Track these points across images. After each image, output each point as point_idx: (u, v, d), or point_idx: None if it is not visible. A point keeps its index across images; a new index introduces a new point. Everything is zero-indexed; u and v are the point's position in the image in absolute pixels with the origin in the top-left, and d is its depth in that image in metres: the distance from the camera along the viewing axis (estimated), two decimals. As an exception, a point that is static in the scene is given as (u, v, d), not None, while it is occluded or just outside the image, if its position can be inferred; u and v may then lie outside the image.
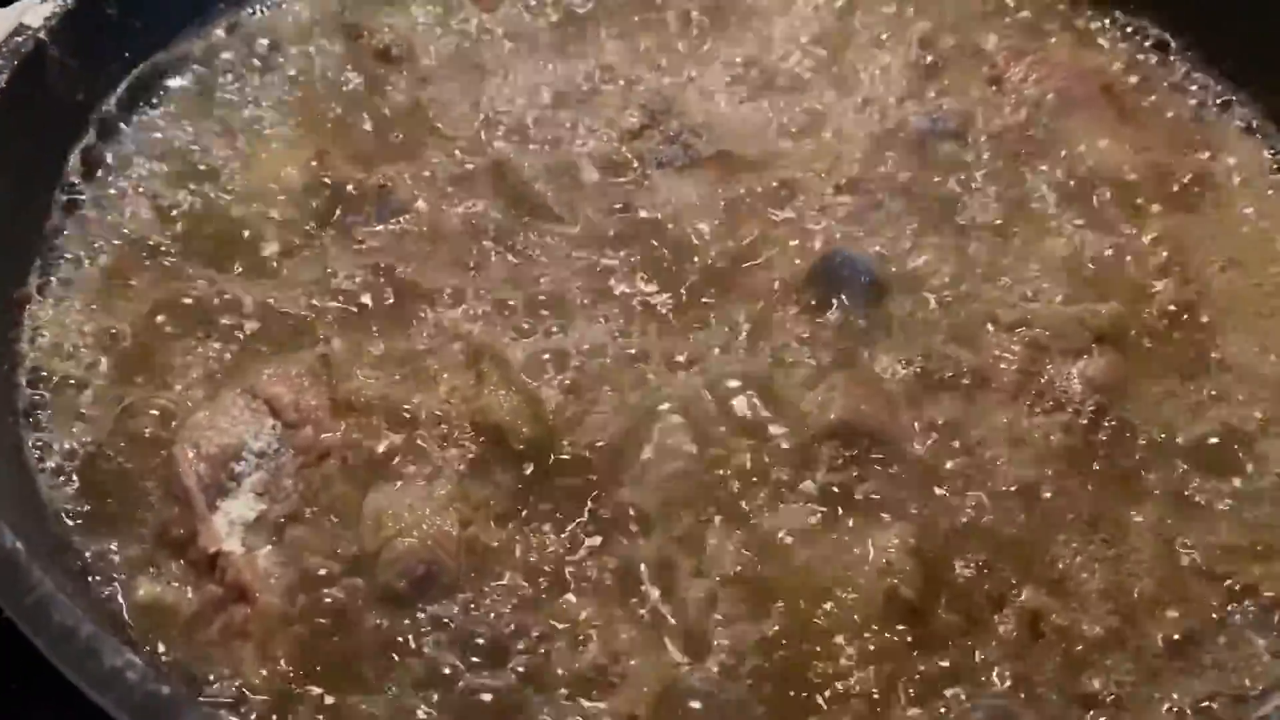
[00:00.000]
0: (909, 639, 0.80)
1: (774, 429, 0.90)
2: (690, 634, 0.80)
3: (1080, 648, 0.80)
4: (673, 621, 0.81)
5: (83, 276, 0.99)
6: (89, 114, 1.08)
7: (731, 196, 1.07)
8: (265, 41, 1.18)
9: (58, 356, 0.93)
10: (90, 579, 0.81)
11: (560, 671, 0.78)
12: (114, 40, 1.11)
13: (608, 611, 0.81)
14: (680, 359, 0.95)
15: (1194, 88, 1.19)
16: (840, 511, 0.86)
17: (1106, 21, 1.25)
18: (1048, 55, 1.19)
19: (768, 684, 0.78)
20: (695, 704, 0.77)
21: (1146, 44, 1.23)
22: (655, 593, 0.82)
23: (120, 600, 0.80)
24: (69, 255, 1.00)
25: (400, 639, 0.79)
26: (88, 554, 0.82)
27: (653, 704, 0.77)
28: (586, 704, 0.77)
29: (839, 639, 0.80)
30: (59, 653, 0.66)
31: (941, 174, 1.09)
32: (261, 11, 1.21)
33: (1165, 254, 1.04)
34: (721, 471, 0.88)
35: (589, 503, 0.86)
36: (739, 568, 0.83)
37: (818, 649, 0.79)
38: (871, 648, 0.79)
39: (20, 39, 1.01)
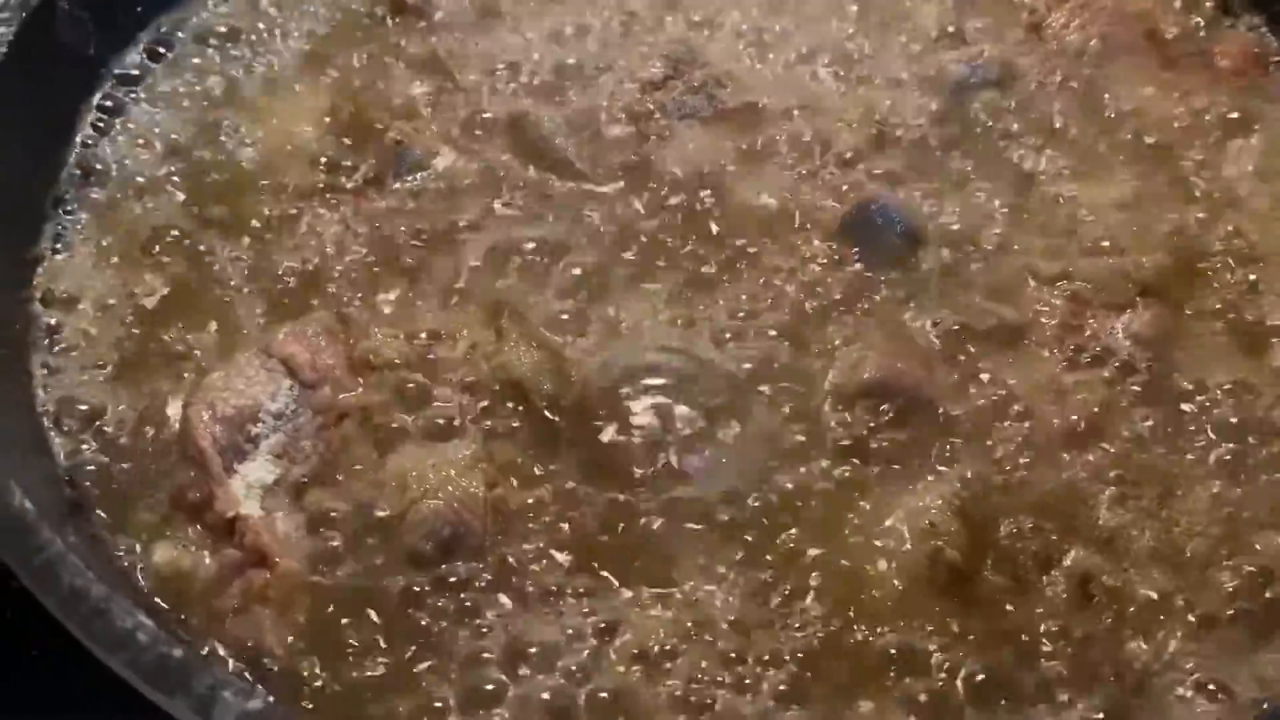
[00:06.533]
0: (956, 603, 0.77)
1: (806, 387, 0.87)
2: (730, 602, 0.77)
3: (1134, 609, 0.77)
4: (709, 589, 0.78)
5: (95, 236, 0.96)
6: (101, 68, 1.06)
7: (758, 148, 1.03)
8: (279, -6, 1.16)
9: (71, 316, 0.91)
10: (106, 543, 0.79)
11: (592, 643, 0.76)
12: (127, -7, 1.09)
13: (637, 581, 0.78)
14: (706, 314, 0.92)
15: (1240, 31, 1.15)
16: (878, 472, 0.83)
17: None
18: (1090, 0, 1.15)
19: (814, 652, 0.75)
20: (743, 677, 0.74)
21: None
22: (685, 560, 0.79)
23: (137, 564, 0.78)
24: (81, 214, 0.97)
25: (426, 602, 0.77)
26: (103, 517, 0.80)
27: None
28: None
29: (884, 604, 0.77)
30: (69, 614, 0.64)
31: (980, 123, 1.05)
32: (274, -36, 1.18)
33: (1211, 205, 1.00)
34: (754, 432, 0.85)
35: (613, 466, 0.83)
36: (776, 533, 0.80)
37: (862, 614, 0.76)
38: (917, 613, 0.76)
39: (29, -8, 0.99)
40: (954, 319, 0.91)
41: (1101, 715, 0.73)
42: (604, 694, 0.74)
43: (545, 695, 0.73)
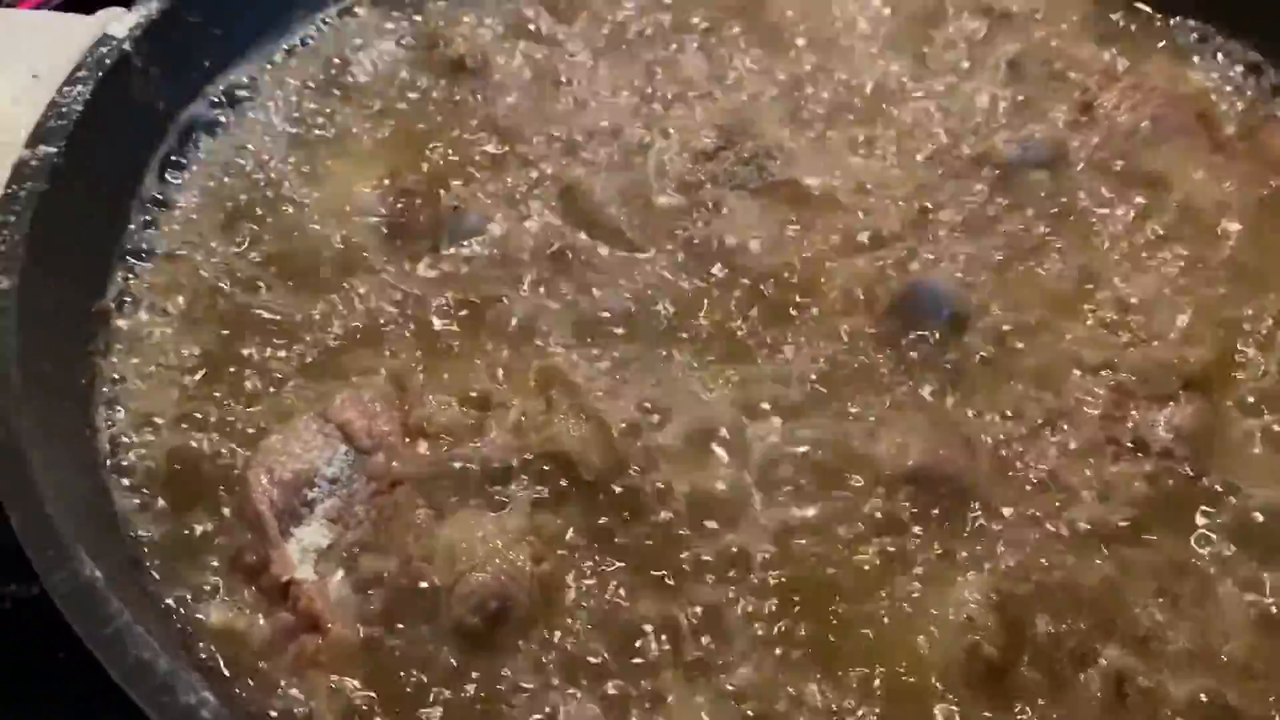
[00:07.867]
0: (991, 696, 0.77)
1: (848, 473, 0.88)
2: (769, 682, 0.79)
3: (1169, 712, 0.77)
4: (748, 669, 0.79)
5: (157, 291, 0.99)
6: (168, 123, 1.09)
7: (807, 222, 1.05)
8: (340, 53, 1.18)
9: (135, 372, 0.93)
10: (163, 603, 0.81)
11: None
12: (195, 48, 1.12)
13: (679, 658, 0.80)
14: (752, 393, 0.93)
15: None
16: (918, 562, 0.84)
17: (1200, 44, 1.21)
18: (1142, 80, 1.15)
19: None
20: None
21: (1241, 69, 1.19)
22: (726, 639, 0.80)
23: (192, 625, 0.80)
24: (147, 268, 1.00)
25: (472, 673, 0.78)
26: (159, 577, 0.82)
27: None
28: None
29: (918, 699, 0.78)
30: (135, 687, 0.66)
31: (1030, 205, 1.06)
32: (337, 21, 1.21)
33: (1259, 295, 1.00)
34: (797, 514, 0.86)
35: (658, 542, 0.84)
36: (820, 618, 0.81)
37: (900, 703, 0.77)
38: (953, 703, 0.77)
39: (105, 49, 1.02)
40: (998, 405, 0.92)
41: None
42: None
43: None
